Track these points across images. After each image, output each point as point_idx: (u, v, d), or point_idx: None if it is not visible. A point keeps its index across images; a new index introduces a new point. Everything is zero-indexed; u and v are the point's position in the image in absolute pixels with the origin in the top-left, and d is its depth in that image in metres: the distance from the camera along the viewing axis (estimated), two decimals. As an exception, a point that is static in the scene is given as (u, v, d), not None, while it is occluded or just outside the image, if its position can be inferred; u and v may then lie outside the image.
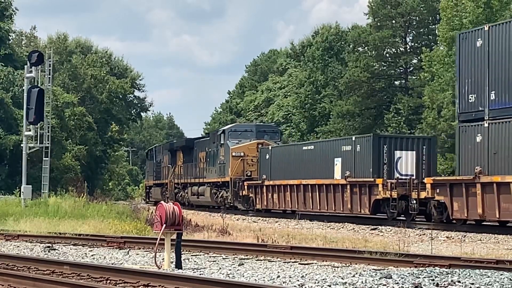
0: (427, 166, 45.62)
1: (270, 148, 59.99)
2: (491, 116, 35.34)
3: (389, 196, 43.61)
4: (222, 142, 65.14)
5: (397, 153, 46.26)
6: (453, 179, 38.62)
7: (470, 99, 36.47)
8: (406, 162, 46.45)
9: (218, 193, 64.67)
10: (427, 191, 39.59)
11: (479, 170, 35.16)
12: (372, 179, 45.11)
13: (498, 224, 35.81)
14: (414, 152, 46.32)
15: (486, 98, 35.33)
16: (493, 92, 34.89)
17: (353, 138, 50.41)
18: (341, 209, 48.66)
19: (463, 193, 36.31)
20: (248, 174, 61.13)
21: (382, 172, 45.89)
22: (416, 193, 40.99)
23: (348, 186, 47.44)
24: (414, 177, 43.54)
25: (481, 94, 35.77)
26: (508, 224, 35.85)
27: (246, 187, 59.80)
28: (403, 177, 44.88)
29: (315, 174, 51.77)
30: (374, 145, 46.58)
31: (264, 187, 57.30)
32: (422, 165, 45.35)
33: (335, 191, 49.10)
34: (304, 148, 56.66)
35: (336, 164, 49.82)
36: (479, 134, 35.64)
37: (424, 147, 45.63)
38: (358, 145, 47.95)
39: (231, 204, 61.93)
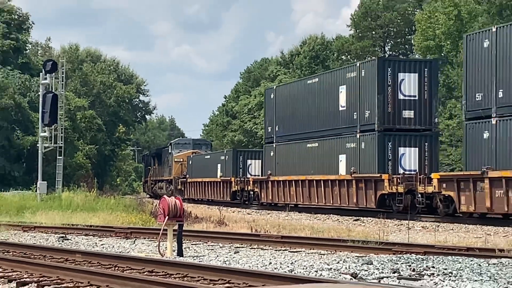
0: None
1: (192, 156, 75.77)
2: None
3: (239, 188, 59.67)
4: (170, 151, 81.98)
5: (248, 161, 62.95)
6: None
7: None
8: (254, 167, 62.09)
9: (169, 187, 78.56)
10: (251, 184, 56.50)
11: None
12: (229, 178, 62.12)
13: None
14: (260, 160, 59.32)
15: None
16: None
17: (225, 151, 69.89)
18: (221, 198, 63.94)
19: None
20: (185, 174, 75.88)
21: (238, 172, 62.27)
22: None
23: (221, 183, 64.56)
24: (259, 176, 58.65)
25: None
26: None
27: (180, 183, 76.11)
28: (254, 176, 59.68)
29: (209, 174, 67.96)
30: (233, 156, 63.73)
31: (188, 183, 73.80)
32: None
33: (217, 186, 65.98)
34: (206, 157, 73.62)
35: (218, 168, 66.25)
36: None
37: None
38: (226, 156, 65.45)
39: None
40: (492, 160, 32.73)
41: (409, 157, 40.32)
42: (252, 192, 56.16)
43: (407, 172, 38.98)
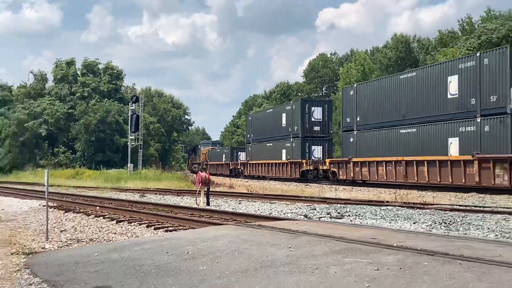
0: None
1: (210, 150, 72.45)
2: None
3: (233, 167, 56.70)
4: (199, 147, 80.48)
5: (239, 153, 59.55)
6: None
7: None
8: (242, 156, 57.54)
9: (199, 167, 72.81)
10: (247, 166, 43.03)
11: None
12: (229, 162, 59.17)
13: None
14: (245, 152, 55.41)
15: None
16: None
17: (227, 148, 65.69)
18: (224, 172, 59.70)
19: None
20: (207, 160, 70.27)
21: (233, 158, 58.93)
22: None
23: (224, 164, 60.48)
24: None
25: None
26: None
27: (205, 164, 68.23)
28: (241, 161, 55.78)
29: (219, 160, 63.88)
30: (231, 150, 61.41)
31: (208, 164, 66.68)
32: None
33: (223, 166, 61.58)
34: (217, 150, 69.80)
35: (223, 156, 62.73)
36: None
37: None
38: (227, 150, 63.25)
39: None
40: (354, 152, 34.56)
41: (317, 151, 42.01)
42: (240, 169, 55.75)
43: (315, 158, 40.87)
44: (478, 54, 25.79)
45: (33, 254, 10.06)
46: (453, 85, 26.58)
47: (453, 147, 26.30)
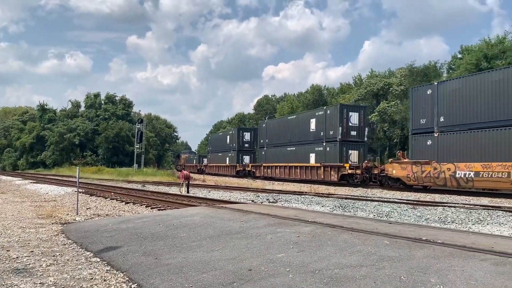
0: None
1: (187, 155, 66.00)
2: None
3: (199, 168, 53.80)
4: (180, 154, 72.66)
5: (204, 159, 54.53)
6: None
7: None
8: (206, 160, 52.37)
9: (180, 167, 66.89)
10: (250, 166, 39.27)
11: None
12: (197, 164, 55.24)
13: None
14: (206, 158, 51.31)
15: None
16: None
17: (197, 155, 62.11)
18: (195, 171, 52.21)
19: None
20: (185, 163, 62.82)
21: (200, 162, 55.46)
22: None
23: (194, 166, 55.64)
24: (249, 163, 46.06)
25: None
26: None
27: (184, 165, 61.64)
28: (204, 164, 52.88)
29: (192, 163, 57.93)
30: (199, 157, 57.21)
31: (186, 166, 59.22)
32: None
33: (194, 167, 55.91)
34: (191, 157, 62.59)
35: (194, 161, 57.95)
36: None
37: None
38: (197, 156, 58.60)
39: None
40: (264, 160, 35.95)
41: (246, 159, 42.09)
42: (203, 169, 53.16)
43: (244, 163, 41.38)
44: (325, 108, 29.63)
45: (67, 224, 9.70)
46: (313, 124, 30.51)
47: (312, 159, 30.03)
